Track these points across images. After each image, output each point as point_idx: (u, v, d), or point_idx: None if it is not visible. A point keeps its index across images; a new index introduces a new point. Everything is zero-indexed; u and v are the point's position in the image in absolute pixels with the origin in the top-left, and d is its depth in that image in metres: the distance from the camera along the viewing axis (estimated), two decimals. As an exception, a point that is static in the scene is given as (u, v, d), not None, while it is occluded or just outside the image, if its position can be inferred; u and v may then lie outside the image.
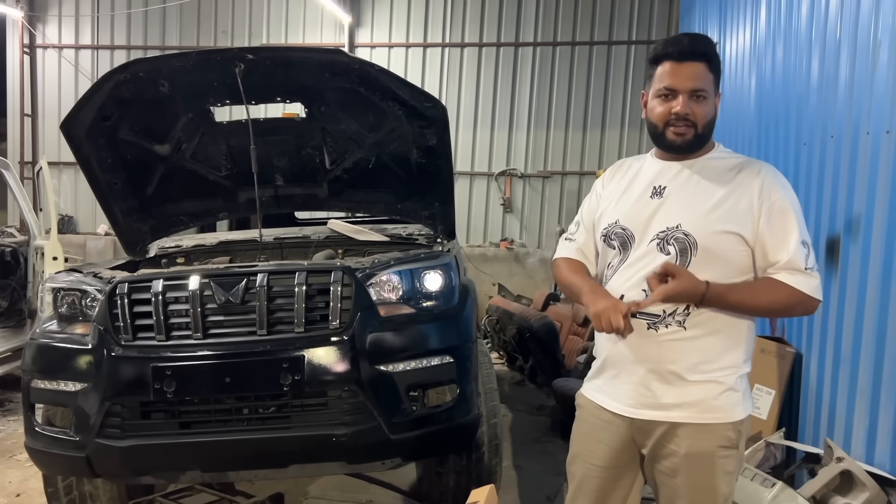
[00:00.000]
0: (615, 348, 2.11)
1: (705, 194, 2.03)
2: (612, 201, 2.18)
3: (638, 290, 2.03)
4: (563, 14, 10.19)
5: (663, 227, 2.03)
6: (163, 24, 10.72)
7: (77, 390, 3.13)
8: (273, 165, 4.17)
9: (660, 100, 2.03)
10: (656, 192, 2.08)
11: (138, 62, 3.53)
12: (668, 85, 2.00)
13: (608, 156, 10.20)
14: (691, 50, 2.00)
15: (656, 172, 2.12)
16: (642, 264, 2.05)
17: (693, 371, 2.01)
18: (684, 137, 2.03)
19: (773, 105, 4.80)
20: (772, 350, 4.07)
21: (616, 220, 2.11)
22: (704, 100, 2.00)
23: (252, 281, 3.11)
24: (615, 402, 2.13)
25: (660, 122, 2.04)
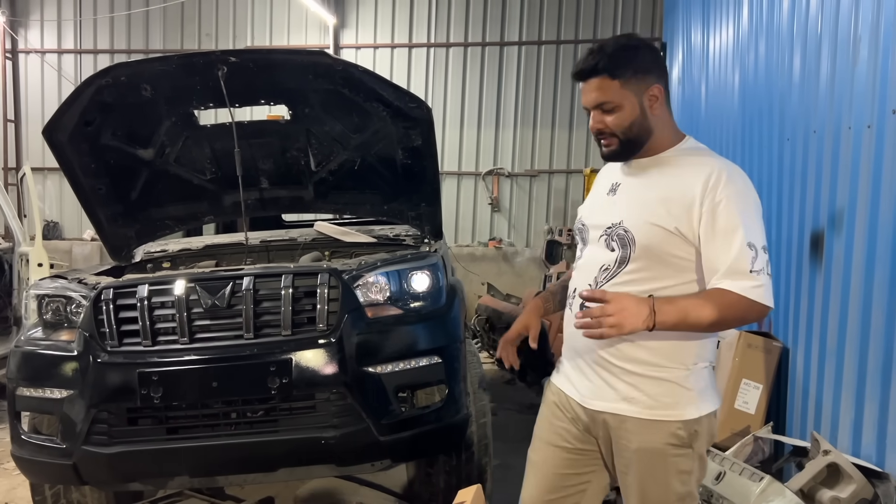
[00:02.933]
0: (575, 336, 2.12)
1: (649, 190, 2.03)
2: (587, 201, 2.33)
3: (585, 284, 2.12)
4: (547, 13, 10.20)
5: (609, 223, 2.08)
6: (146, 28, 10.66)
7: (63, 397, 3.11)
8: (258, 168, 4.15)
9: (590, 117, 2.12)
10: (612, 190, 2.15)
11: (120, 66, 3.51)
12: (582, 104, 2.11)
13: (595, 154, 10.21)
14: (581, 69, 2.03)
15: (617, 171, 2.20)
16: (590, 260, 2.15)
17: (642, 366, 2.03)
18: (610, 149, 2.08)
19: (756, 101, 4.82)
20: (758, 345, 4.09)
21: (581, 216, 2.25)
22: (618, 109, 2.01)
23: (238, 284, 3.10)
24: (574, 388, 2.19)
25: (594, 136, 2.14)
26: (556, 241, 9.73)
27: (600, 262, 2.07)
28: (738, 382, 4.12)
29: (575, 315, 1.99)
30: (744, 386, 4.10)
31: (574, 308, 2.10)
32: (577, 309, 2.06)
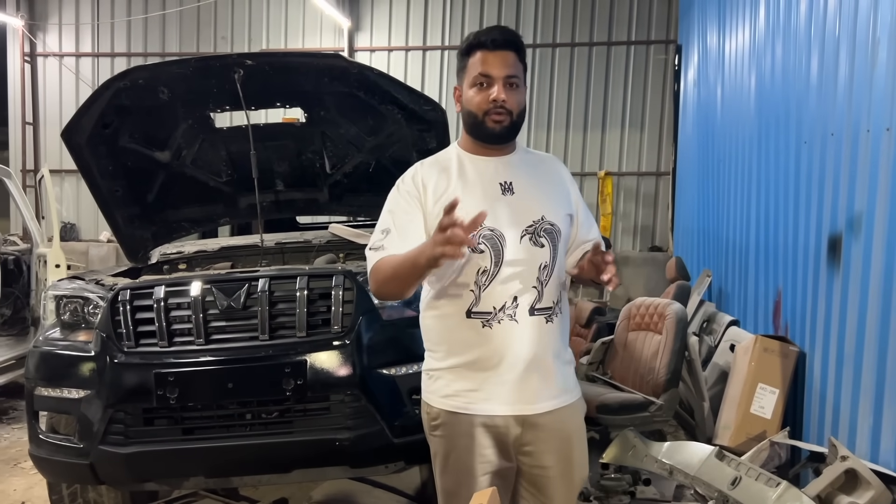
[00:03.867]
0: (519, 348, 2.04)
1: (545, 184, 2.15)
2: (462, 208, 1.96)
3: (529, 289, 2.04)
4: (561, 15, 10.19)
5: (529, 221, 2.06)
6: (162, 31, 10.74)
7: (80, 397, 3.14)
8: (273, 171, 4.17)
9: (476, 88, 2.05)
10: (506, 189, 2.09)
11: (138, 69, 3.54)
12: (483, 71, 2.03)
13: (609, 156, 10.20)
14: (503, 39, 2.05)
15: (492, 169, 2.11)
16: (523, 263, 2.04)
17: (565, 357, 2.15)
18: (502, 124, 2.05)
19: (773, 104, 4.78)
20: (775, 349, 4.06)
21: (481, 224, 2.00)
22: (517, 88, 2.06)
23: (254, 286, 3.11)
24: (506, 405, 2.07)
25: (478, 110, 2.05)
26: (570, 245, 9.67)
27: (538, 261, 2.04)
28: (753, 386, 4.09)
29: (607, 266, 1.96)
30: (760, 390, 4.07)
31: (521, 318, 2.02)
32: (525, 317, 2.03)
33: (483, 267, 2.02)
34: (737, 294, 5.69)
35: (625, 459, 3.82)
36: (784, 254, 4.40)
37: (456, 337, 2.07)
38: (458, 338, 2.07)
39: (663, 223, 10.21)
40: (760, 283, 4.95)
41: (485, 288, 2.03)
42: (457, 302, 2.05)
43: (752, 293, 5.19)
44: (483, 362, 2.05)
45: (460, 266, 2.03)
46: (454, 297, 2.06)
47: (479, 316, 2.04)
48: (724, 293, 6.18)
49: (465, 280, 2.04)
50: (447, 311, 2.09)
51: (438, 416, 2.13)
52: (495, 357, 2.04)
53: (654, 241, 10.31)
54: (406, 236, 2.05)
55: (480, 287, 2.03)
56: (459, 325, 2.06)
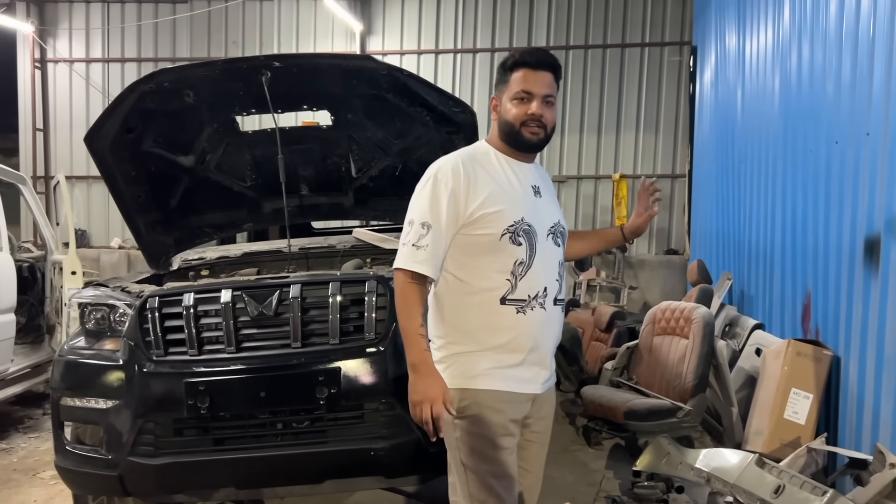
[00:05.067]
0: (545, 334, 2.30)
1: (553, 193, 2.48)
2: (499, 198, 2.23)
3: (553, 281, 2.29)
4: (575, 18, 10.14)
5: (551, 222, 2.33)
6: (173, 36, 10.71)
7: (108, 407, 3.09)
8: (298, 175, 4.12)
9: (516, 102, 2.26)
10: (536, 192, 2.34)
11: (163, 72, 3.48)
12: (525, 88, 2.25)
13: (624, 159, 10.13)
14: (545, 61, 2.28)
15: (525, 173, 2.34)
16: (549, 258, 2.29)
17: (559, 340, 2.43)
18: (538, 136, 2.28)
19: (800, 104, 4.73)
20: (808, 353, 4.00)
21: (521, 217, 2.23)
22: (552, 106, 2.29)
23: (285, 292, 3.06)
24: (528, 384, 2.30)
25: (516, 121, 2.26)
26: (584, 248, 9.59)
27: (557, 258, 2.33)
28: (787, 392, 4.03)
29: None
30: (793, 395, 4.01)
31: (548, 307, 2.26)
32: (551, 306, 2.27)
33: (520, 258, 2.22)
34: (761, 297, 5.63)
35: (659, 467, 3.75)
36: (814, 255, 4.33)
37: (490, 321, 2.22)
38: (492, 322, 2.22)
39: (679, 226, 10.15)
40: (787, 285, 4.89)
41: (521, 277, 2.22)
42: (493, 289, 2.22)
43: (777, 296, 5.13)
44: (514, 345, 2.23)
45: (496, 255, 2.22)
46: (491, 284, 2.22)
47: (514, 303, 2.22)
48: (746, 296, 6.12)
49: (503, 269, 2.22)
50: (483, 298, 2.23)
51: (470, 396, 2.24)
52: (527, 341, 2.24)
53: (670, 245, 10.25)
54: (444, 233, 2.21)
55: (517, 277, 2.22)
56: (494, 311, 2.22)
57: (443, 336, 2.29)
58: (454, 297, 2.27)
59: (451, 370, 2.26)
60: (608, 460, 4.90)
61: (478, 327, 2.23)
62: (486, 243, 2.22)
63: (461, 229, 2.22)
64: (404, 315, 2.20)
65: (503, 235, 2.21)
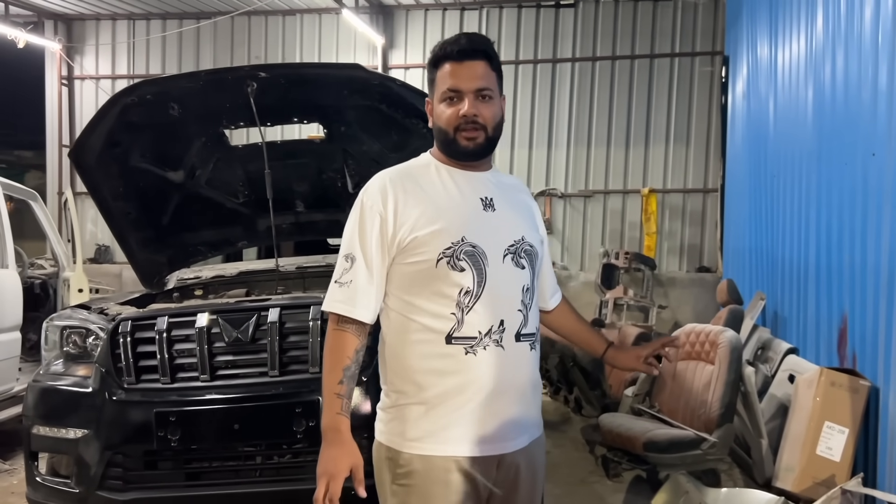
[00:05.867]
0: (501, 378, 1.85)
1: (521, 205, 2.03)
2: (434, 218, 1.85)
3: (515, 312, 1.87)
4: (602, 28, 9.89)
5: (510, 240, 1.91)
6: (196, 52, 10.72)
7: (78, 437, 2.96)
8: (293, 190, 3.96)
9: (446, 104, 1.89)
10: (487, 205, 1.93)
11: (145, 84, 3.35)
12: (452, 86, 1.88)
13: (653, 173, 9.83)
14: (471, 48, 1.90)
15: (474, 183, 1.94)
16: (507, 284, 1.88)
17: (537, 386, 2.00)
18: (475, 142, 1.89)
19: (834, 115, 4.50)
20: (843, 383, 3.72)
21: (461, 237, 1.83)
22: (490, 100, 1.90)
23: (263, 316, 2.88)
24: (489, 444, 1.86)
25: (449, 126, 1.88)
26: (612, 265, 9.33)
27: (520, 283, 1.90)
28: (819, 425, 3.76)
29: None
30: (827, 429, 3.74)
31: (508, 345, 1.84)
32: (511, 344, 1.85)
33: (465, 287, 1.82)
34: (795, 319, 5.34)
35: (676, 507, 3.47)
36: (850, 276, 4.05)
37: (432, 366, 1.83)
38: (435, 367, 1.83)
39: (711, 242, 9.81)
40: (822, 307, 4.60)
41: (468, 310, 1.82)
42: (435, 326, 1.83)
43: (812, 319, 4.85)
44: (464, 394, 1.83)
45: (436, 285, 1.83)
46: (433, 320, 1.84)
47: (462, 342, 1.82)
48: (780, 318, 5.83)
49: (445, 301, 1.83)
50: (423, 337, 1.84)
51: (409, 462, 1.85)
52: (479, 388, 1.83)
53: (702, 262, 9.90)
54: (373, 266, 1.87)
55: (463, 309, 1.82)
56: (439, 352, 1.83)
57: (386, 383, 1.93)
58: (396, 337, 1.89)
59: (389, 426, 1.90)
60: (627, 494, 4.63)
61: (420, 373, 1.84)
62: (423, 272, 1.84)
63: (396, 259, 1.87)
64: (325, 367, 1.86)
65: (440, 261, 1.82)
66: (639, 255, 9.53)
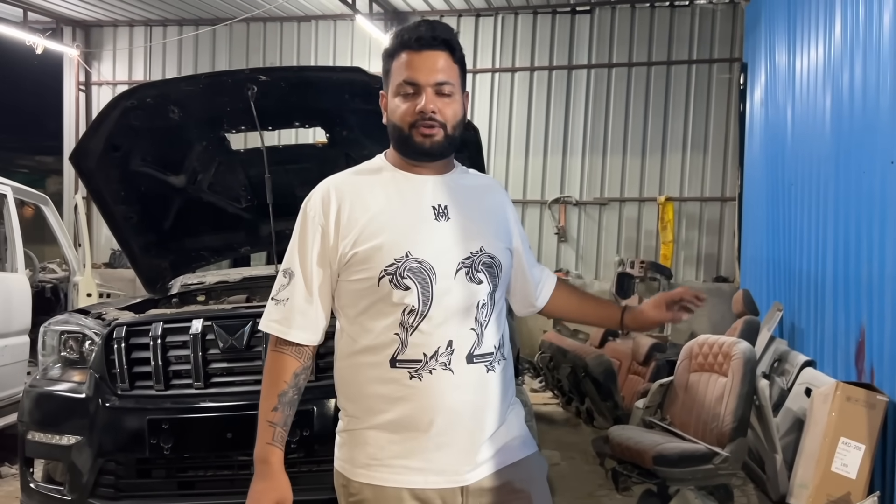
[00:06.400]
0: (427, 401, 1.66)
1: (484, 212, 1.82)
2: (378, 231, 1.69)
3: (466, 332, 1.68)
4: (618, 35, 9.81)
5: (466, 252, 1.71)
6: (212, 57, 10.77)
7: (71, 444, 2.92)
8: (296, 196, 3.87)
9: (401, 98, 1.71)
10: (440, 213, 1.73)
11: (145, 87, 3.33)
12: (408, 78, 1.69)
13: (670, 181, 9.71)
14: (431, 37, 1.71)
15: (424, 189, 1.75)
16: (458, 302, 1.68)
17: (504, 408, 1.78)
18: (433, 139, 1.70)
19: (853, 122, 4.44)
20: (860, 398, 3.64)
21: (405, 252, 1.66)
22: (453, 97, 1.72)
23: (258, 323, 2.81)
24: (454, 475, 1.70)
25: (403, 123, 1.70)
26: (627, 274, 9.21)
27: (475, 300, 1.70)
28: (835, 441, 3.66)
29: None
30: (842, 445, 3.64)
31: (457, 368, 1.66)
32: (462, 367, 1.67)
33: (409, 306, 1.65)
34: (812, 331, 5.23)
35: (684, 524, 3.38)
36: (868, 287, 3.96)
37: (378, 391, 1.68)
38: (381, 392, 1.68)
39: (729, 252, 9.67)
40: (840, 319, 4.50)
41: (413, 331, 1.66)
42: (379, 348, 1.68)
43: (829, 331, 4.75)
44: (412, 421, 1.67)
45: (379, 305, 1.68)
46: (376, 341, 1.69)
47: (407, 365, 1.66)
48: (797, 329, 5.72)
49: (388, 321, 1.67)
50: (367, 360, 1.69)
51: (359, 491, 1.72)
52: (427, 414, 1.66)
53: (719, 271, 9.76)
54: (313, 283, 1.72)
55: (407, 330, 1.66)
56: (382, 377, 1.68)
57: (340, 405, 1.80)
58: (344, 359, 1.75)
59: (341, 451, 1.77)
60: (636, 509, 4.51)
61: (368, 397, 1.70)
62: (365, 290, 1.68)
63: (340, 275, 1.71)
64: (262, 392, 1.74)
65: (381, 279, 1.65)
66: (654, 264, 9.41)
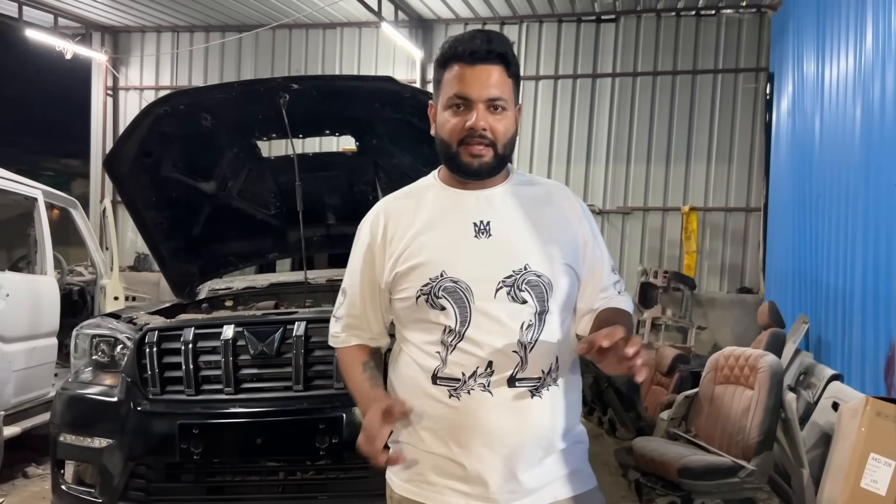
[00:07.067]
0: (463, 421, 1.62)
1: (535, 226, 1.70)
2: (417, 250, 1.67)
3: (508, 354, 1.61)
4: (643, 43, 9.78)
5: (508, 271, 1.64)
6: (238, 64, 10.87)
7: (102, 447, 2.95)
8: (324, 203, 3.94)
9: (451, 111, 1.64)
10: (481, 230, 1.67)
11: (179, 94, 3.37)
12: (460, 92, 1.62)
13: (694, 190, 9.65)
14: (486, 50, 1.63)
15: (468, 205, 1.70)
16: (498, 322, 1.62)
17: (556, 439, 1.68)
18: (482, 160, 1.64)
19: (883, 133, 4.37)
20: (890, 414, 3.57)
21: (441, 272, 1.64)
22: (504, 111, 1.65)
23: (289, 330, 2.85)
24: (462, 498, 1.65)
25: (452, 139, 1.63)
26: (650, 284, 9.17)
27: (518, 321, 1.63)
28: (864, 457, 3.60)
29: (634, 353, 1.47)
30: (872, 462, 3.58)
31: (496, 390, 1.61)
32: (500, 391, 1.61)
33: (447, 325, 1.63)
34: (839, 345, 5.16)
35: (710, 538, 3.35)
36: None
37: (419, 405, 1.65)
38: (423, 407, 1.65)
39: (753, 263, 9.59)
40: (868, 333, 4.44)
41: (452, 350, 1.63)
42: (423, 363, 1.66)
43: (857, 345, 4.68)
44: (448, 440, 1.64)
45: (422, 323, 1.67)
46: (420, 356, 1.67)
47: (447, 383, 1.63)
48: (823, 342, 5.65)
49: (431, 338, 1.65)
50: (412, 373, 1.67)
51: (394, 498, 1.74)
52: (463, 434, 1.62)
53: (744, 282, 9.68)
54: (367, 303, 1.76)
55: (448, 348, 1.63)
56: (424, 392, 1.65)
57: None
58: (395, 371, 1.75)
59: None
60: (660, 521, 4.48)
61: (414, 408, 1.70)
62: (408, 308, 1.67)
63: (391, 293, 1.72)
64: (346, 380, 1.80)
65: (418, 298, 1.64)
66: (678, 274, 9.35)
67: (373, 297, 1.74)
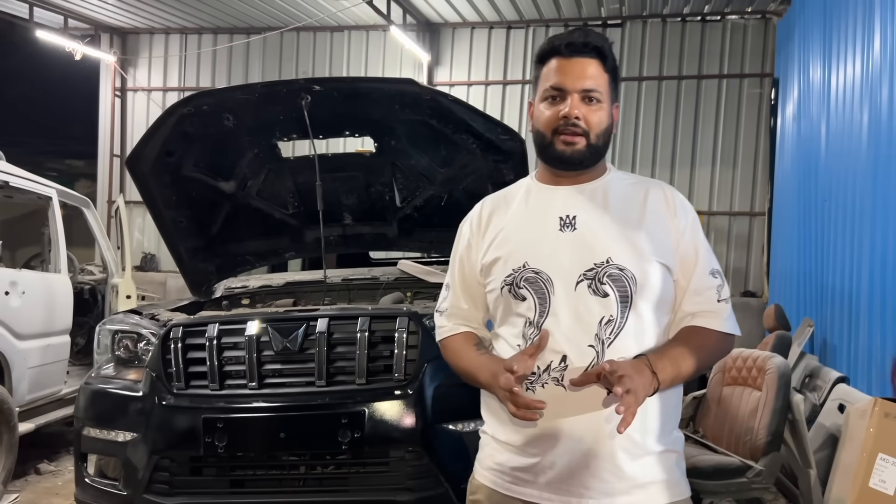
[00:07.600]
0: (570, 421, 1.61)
1: (624, 221, 1.68)
2: (503, 243, 1.72)
3: (584, 349, 1.60)
4: (649, 49, 9.84)
5: (590, 263, 1.63)
6: (246, 66, 10.92)
7: (126, 441, 2.99)
8: (341, 203, 3.99)
9: (547, 103, 1.68)
10: (566, 224, 1.68)
11: (202, 95, 3.41)
12: (556, 83, 1.66)
13: (699, 195, 9.70)
14: (582, 43, 1.67)
15: (556, 200, 1.73)
16: (576, 316, 1.62)
17: (638, 440, 1.63)
18: (574, 147, 1.66)
19: (891, 139, 4.40)
20: None
21: (523, 262, 1.67)
22: (598, 103, 1.67)
23: (312, 326, 2.90)
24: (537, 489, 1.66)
25: (547, 129, 1.68)
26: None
27: (598, 315, 1.62)
28: (873, 457, 3.63)
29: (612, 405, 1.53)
30: (880, 462, 3.61)
31: (569, 385, 1.59)
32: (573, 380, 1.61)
33: (528, 318, 1.65)
34: (845, 347, 5.20)
35: (720, 536, 3.39)
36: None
37: None
38: None
39: (757, 266, 9.63)
40: (875, 336, 4.47)
41: (530, 342, 1.65)
42: (506, 354, 1.69)
43: (863, 347, 4.71)
44: (524, 434, 1.65)
45: (507, 315, 1.71)
46: (504, 348, 1.71)
47: None
48: (828, 345, 5.68)
49: (514, 330, 1.68)
50: None
51: (478, 489, 1.76)
52: (534, 427, 1.63)
53: (748, 286, 9.72)
54: (467, 296, 1.82)
55: (527, 340, 1.65)
56: None
57: None
58: None
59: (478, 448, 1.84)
60: (669, 520, 4.51)
61: (492, 400, 1.72)
62: (495, 300, 1.72)
63: (485, 288, 1.77)
64: (461, 366, 1.78)
65: (503, 289, 1.68)
66: (682, 277, 9.39)
67: (469, 289, 1.81)
